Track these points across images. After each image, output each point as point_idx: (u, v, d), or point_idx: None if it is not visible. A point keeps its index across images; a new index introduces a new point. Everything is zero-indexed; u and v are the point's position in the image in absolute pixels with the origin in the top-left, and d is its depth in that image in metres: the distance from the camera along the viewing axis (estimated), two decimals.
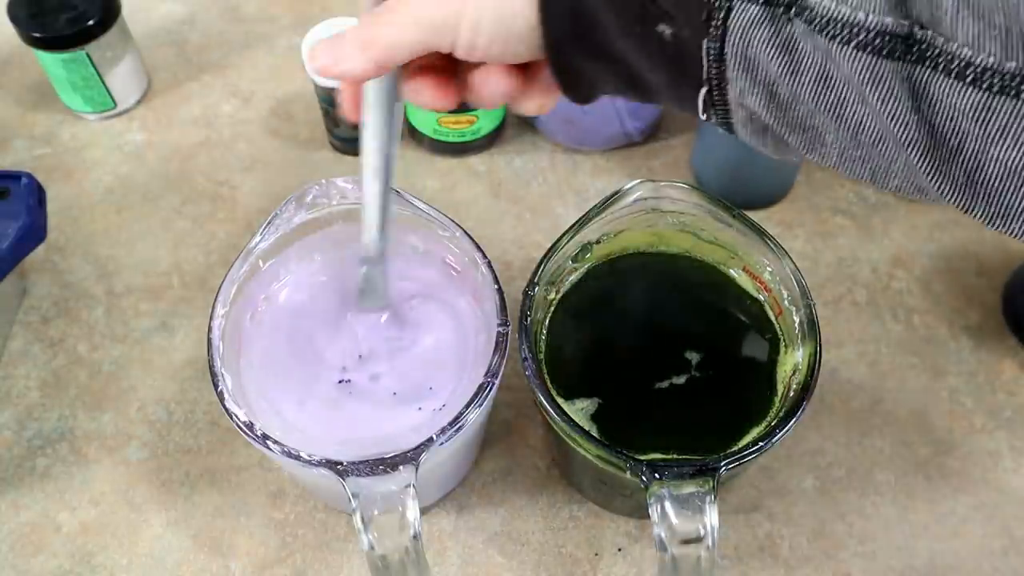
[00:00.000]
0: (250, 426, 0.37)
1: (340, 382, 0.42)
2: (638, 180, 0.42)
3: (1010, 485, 0.48)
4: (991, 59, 0.22)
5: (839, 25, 0.24)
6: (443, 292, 0.44)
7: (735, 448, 0.37)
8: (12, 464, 0.49)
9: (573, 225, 0.42)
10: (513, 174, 0.59)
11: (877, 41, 0.23)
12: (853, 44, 0.24)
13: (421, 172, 0.60)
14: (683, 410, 0.41)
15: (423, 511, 0.47)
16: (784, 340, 0.42)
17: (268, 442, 0.37)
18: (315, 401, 0.41)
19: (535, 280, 0.41)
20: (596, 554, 0.46)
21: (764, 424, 0.40)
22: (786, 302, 0.42)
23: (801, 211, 0.57)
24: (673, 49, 0.27)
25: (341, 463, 0.36)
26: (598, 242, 0.44)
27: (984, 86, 0.22)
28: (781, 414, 0.39)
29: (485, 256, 0.42)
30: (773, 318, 0.43)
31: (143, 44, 0.66)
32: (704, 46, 0.26)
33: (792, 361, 0.41)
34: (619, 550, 0.46)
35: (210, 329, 0.40)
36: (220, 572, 0.45)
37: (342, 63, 0.31)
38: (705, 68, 0.26)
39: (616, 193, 0.42)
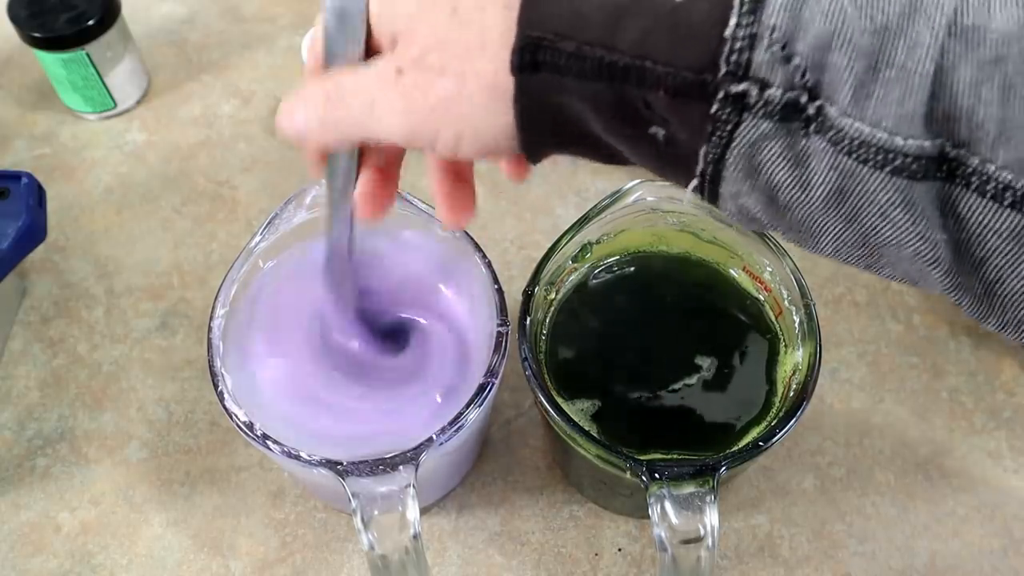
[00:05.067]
0: (250, 426, 0.37)
1: (340, 381, 0.42)
2: (638, 180, 0.42)
3: (1010, 485, 0.48)
4: None
5: (872, 149, 0.22)
6: (442, 293, 0.44)
7: (735, 448, 0.37)
8: (12, 464, 0.49)
9: (573, 225, 0.42)
10: None
11: (914, 166, 0.22)
12: (888, 169, 0.22)
13: (421, 172, 0.59)
14: (683, 410, 0.41)
15: (423, 511, 0.47)
16: (784, 340, 0.42)
17: (268, 442, 0.37)
18: (315, 400, 0.41)
19: (535, 280, 0.41)
20: (596, 554, 0.46)
21: (764, 424, 0.40)
22: (786, 302, 0.42)
23: None
24: (665, 148, 0.25)
25: (341, 463, 0.36)
26: (598, 242, 0.44)
27: None
28: (781, 414, 0.39)
29: (485, 256, 0.42)
30: (773, 318, 0.43)
31: (143, 44, 0.66)
32: (703, 150, 0.24)
33: (792, 361, 0.41)
34: (619, 550, 0.46)
35: (210, 329, 0.40)
36: (220, 572, 0.45)
37: (310, 139, 0.31)
38: (700, 167, 0.25)
39: (616, 193, 0.42)
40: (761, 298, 0.43)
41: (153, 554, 0.46)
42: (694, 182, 0.25)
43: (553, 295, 0.44)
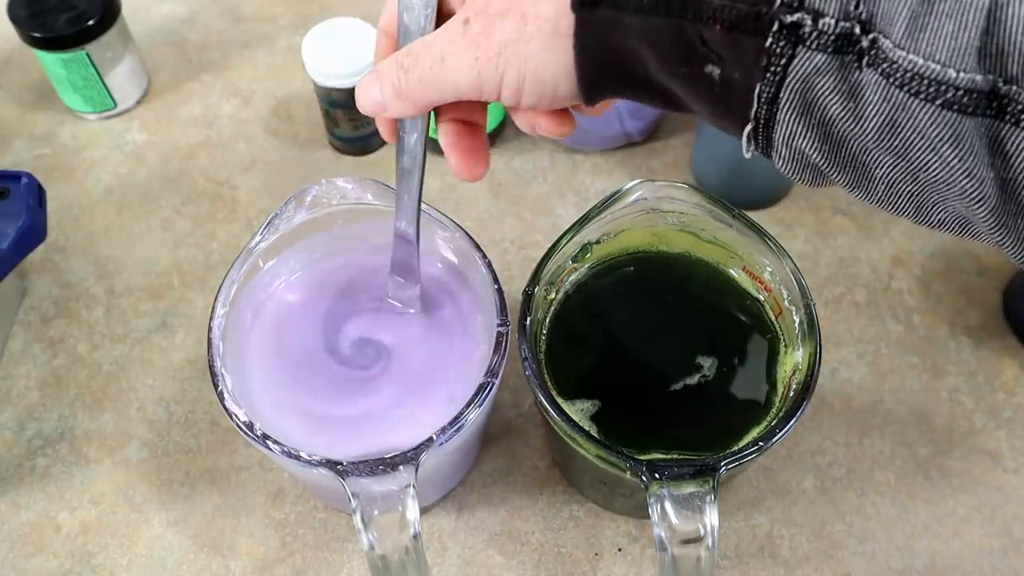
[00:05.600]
0: (250, 426, 0.37)
1: (340, 381, 0.42)
2: (638, 180, 0.42)
3: (1010, 485, 0.48)
4: None
5: (924, 82, 0.22)
6: (443, 292, 0.44)
7: (735, 448, 0.37)
8: (12, 464, 0.49)
9: (573, 225, 0.42)
10: (513, 174, 0.59)
11: (964, 99, 0.22)
12: (939, 102, 0.22)
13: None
14: (683, 410, 0.41)
15: (423, 511, 0.47)
16: (784, 340, 0.42)
17: (268, 442, 0.37)
18: (315, 400, 0.41)
19: (535, 280, 0.41)
20: (596, 554, 0.46)
21: (764, 424, 0.40)
22: (786, 302, 0.42)
23: (801, 211, 0.57)
24: (720, 88, 0.26)
25: (341, 463, 0.36)
26: (598, 242, 0.44)
27: None
28: (781, 414, 0.39)
29: (485, 256, 0.42)
30: (773, 318, 0.43)
31: (143, 44, 0.66)
32: (757, 89, 0.25)
33: (792, 361, 0.41)
34: (619, 550, 0.46)
35: (210, 329, 0.40)
36: (220, 572, 0.45)
37: (388, 110, 0.32)
38: (754, 109, 0.25)
39: (616, 193, 0.42)
40: (761, 298, 0.43)
41: (153, 554, 0.46)
42: (748, 127, 0.26)
43: (553, 295, 0.44)
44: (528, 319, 0.40)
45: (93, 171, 0.60)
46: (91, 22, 0.57)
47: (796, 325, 0.41)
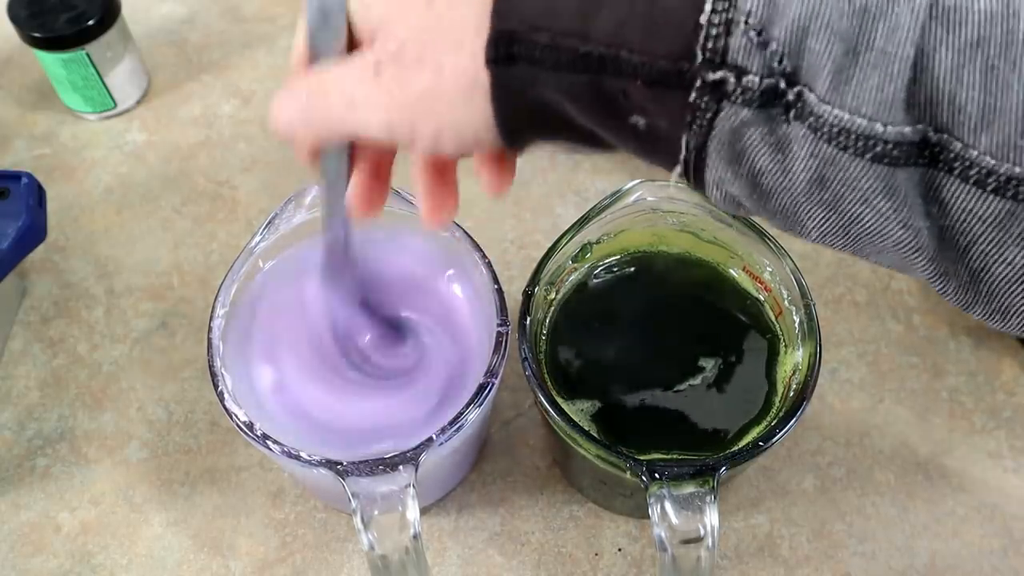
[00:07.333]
0: (250, 426, 0.37)
1: (340, 381, 0.42)
2: (638, 180, 0.42)
3: (1010, 485, 0.48)
4: (1016, 169, 0.21)
5: (852, 136, 0.22)
6: (442, 292, 0.44)
7: (735, 448, 0.37)
8: (12, 464, 0.49)
9: (573, 225, 0.43)
10: None
11: (895, 152, 0.22)
12: (868, 156, 0.22)
13: None
14: (683, 410, 0.41)
15: (423, 511, 0.47)
16: (784, 340, 0.42)
17: (268, 442, 0.37)
18: (314, 400, 0.41)
19: (535, 280, 0.41)
20: (596, 554, 0.46)
21: (764, 424, 0.40)
22: (786, 302, 0.42)
23: None
24: (647, 135, 0.25)
25: (341, 463, 0.36)
26: (598, 242, 0.44)
27: (1009, 195, 0.21)
28: (781, 414, 0.39)
29: (485, 256, 0.42)
30: (773, 318, 0.43)
31: (143, 44, 0.66)
32: (683, 138, 0.24)
33: (792, 361, 0.41)
34: (619, 550, 0.46)
35: (210, 329, 0.40)
36: (220, 572, 0.45)
37: (297, 136, 0.31)
38: (682, 155, 0.24)
39: (616, 193, 0.42)
40: (761, 298, 0.43)
41: (153, 554, 0.46)
42: (678, 168, 0.25)
43: (553, 295, 0.44)
44: (528, 319, 0.40)
45: (93, 171, 0.60)
46: (91, 22, 0.57)
47: (796, 325, 0.41)
